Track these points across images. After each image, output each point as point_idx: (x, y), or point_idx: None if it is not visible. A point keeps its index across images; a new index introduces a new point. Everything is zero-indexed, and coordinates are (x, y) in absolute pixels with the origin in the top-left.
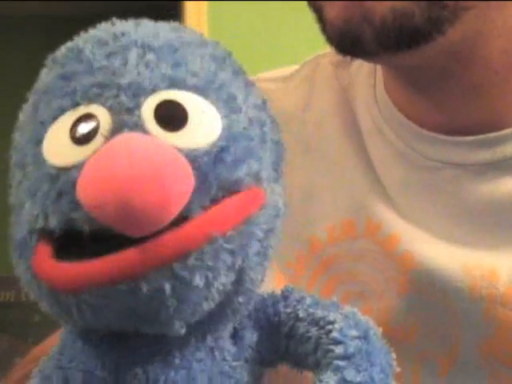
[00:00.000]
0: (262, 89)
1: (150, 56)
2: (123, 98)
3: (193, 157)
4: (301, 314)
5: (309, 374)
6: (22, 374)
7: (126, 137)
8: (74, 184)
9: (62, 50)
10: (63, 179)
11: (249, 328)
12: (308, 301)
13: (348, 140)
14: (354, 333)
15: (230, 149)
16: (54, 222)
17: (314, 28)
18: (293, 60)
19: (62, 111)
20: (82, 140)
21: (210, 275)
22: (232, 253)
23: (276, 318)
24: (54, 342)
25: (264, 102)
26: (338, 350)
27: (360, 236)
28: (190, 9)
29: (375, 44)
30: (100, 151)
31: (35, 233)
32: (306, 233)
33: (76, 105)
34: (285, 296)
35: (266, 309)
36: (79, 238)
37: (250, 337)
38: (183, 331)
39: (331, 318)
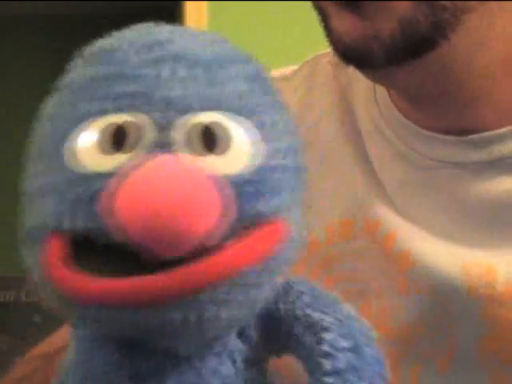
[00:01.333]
0: None
1: (192, 71)
2: (159, 113)
3: (224, 185)
4: (298, 313)
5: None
6: (22, 374)
7: (162, 161)
8: (95, 193)
9: (98, 45)
10: (88, 185)
11: (253, 325)
12: (306, 298)
13: (347, 139)
14: (344, 344)
15: (264, 180)
16: (73, 226)
17: (314, 28)
18: (293, 60)
19: (91, 115)
20: (109, 149)
21: (224, 308)
22: (248, 286)
23: (277, 313)
24: (53, 342)
25: (296, 126)
26: (327, 365)
27: (359, 235)
28: (190, 9)
29: (383, 59)
30: (139, 173)
31: (49, 228)
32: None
33: (106, 111)
34: (285, 290)
35: (268, 305)
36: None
37: (255, 334)
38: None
39: (325, 323)
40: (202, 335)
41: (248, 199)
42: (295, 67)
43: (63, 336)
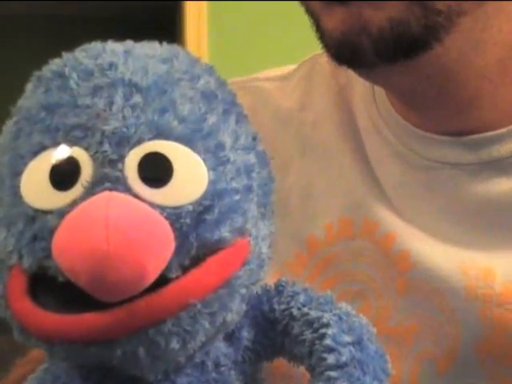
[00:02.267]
0: (260, 88)
1: (137, 98)
2: (107, 147)
3: (175, 217)
4: (295, 313)
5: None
6: (22, 374)
7: (107, 199)
8: (50, 231)
9: (49, 70)
10: (39, 223)
11: (246, 327)
12: (301, 298)
13: (345, 139)
14: (347, 339)
15: (214, 207)
16: (27, 263)
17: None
18: (293, 60)
19: (43, 148)
20: (61, 185)
21: (188, 337)
22: (211, 315)
23: (271, 314)
24: None
25: (255, 138)
26: (331, 359)
27: (357, 235)
28: (190, 9)
29: (373, 55)
30: (78, 213)
31: (9, 266)
32: (304, 232)
33: (57, 144)
34: (279, 291)
35: (261, 306)
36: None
37: (247, 335)
38: (160, 376)
39: (325, 320)
40: (167, 363)
41: (202, 227)
42: (293, 67)
43: None
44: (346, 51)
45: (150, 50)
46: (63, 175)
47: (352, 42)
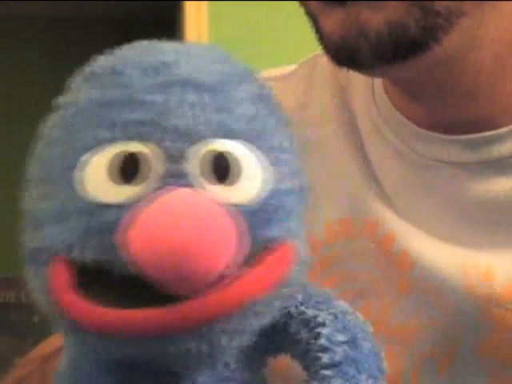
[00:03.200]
0: None
1: (200, 96)
2: (171, 143)
3: (237, 213)
4: (292, 311)
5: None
6: (22, 375)
7: (177, 195)
8: (112, 224)
9: (100, 66)
10: (99, 217)
11: None
12: (300, 296)
13: (346, 139)
14: (341, 338)
15: (274, 206)
16: (82, 256)
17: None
18: (293, 60)
19: (100, 142)
20: (122, 178)
21: (235, 336)
22: (259, 314)
23: None
24: (51, 344)
25: (296, 142)
26: (325, 358)
27: (358, 235)
28: (190, 9)
29: (372, 57)
30: (154, 207)
31: (56, 254)
32: (305, 232)
33: (115, 139)
34: None
35: None
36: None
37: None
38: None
39: (320, 319)
40: (212, 362)
41: (260, 226)
42: (294, 67)
43: (61, 337)
44: (344, 54)
45: (205, 50)
46: (124, 169)
47: (350, 45)
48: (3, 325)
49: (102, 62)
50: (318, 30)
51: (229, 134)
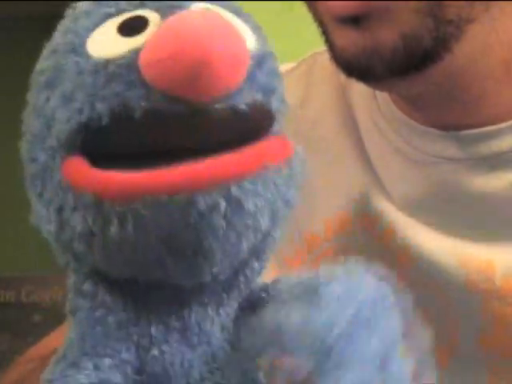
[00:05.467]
0: None
1: None
2: (170, 1)
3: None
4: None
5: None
6: (19, 374)
7: (199, 11)
8: (127, 66)
9: None
10: (113, 66)
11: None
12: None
13: (345, 135)
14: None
15: (267, 61)
16: (102, 108)
17: (314, 28)
18: (293, 59)
19: (106, 17)
20: (131, 32)
21: (259, 203)
22: (280, 186)
23: (261, 302)
24: (50, 343)
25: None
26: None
27: (358, 230)
28: None
29: (384, 72)
30: (166, 23)
31: (66, 143)
32: (304, 228)
33: (121, 11)
34: (274, 283)
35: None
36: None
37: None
38: (209, 278)
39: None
40: (222, 246)
41: (256, 71)
42: (292, 64)
43: (59, 337)
44: (355, 70)
45: None
46: (133, 25)
47: (363, 63)
48: (3, 324)
49: None
50: (329, 40)
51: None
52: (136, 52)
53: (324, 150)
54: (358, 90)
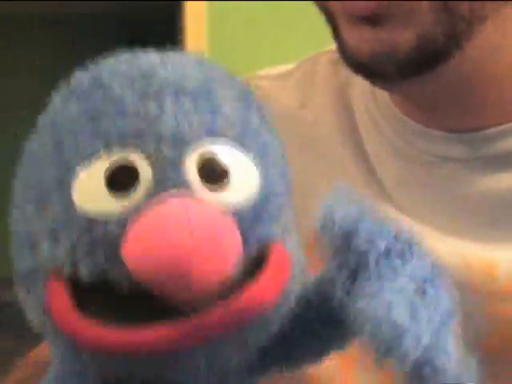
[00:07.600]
0: (259, 86)
1: (186, 101)
2: (164, 148)
3: (236, 216)
4: None
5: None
6: (20, 378)
7: (182, 203)
8: (112, 238)
9: (83, 80)
10: (99, 231)
11: None
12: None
13: (345, 137)
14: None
15: (267, 205)
16: (84, 273)
17: (314, 28)
18: (292, 60)
19: (94, 155)
20: (119, 190)
21: (242, 346)
22: (267, 322)
23: None
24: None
25: (281, 145)
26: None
27: None
28: (190, 9)
29: (395, 73)
30: (152, 215)
31: (53, 274)
32: (304, 229)
33: (108, 151)
34: None
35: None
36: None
37: None
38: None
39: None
40: (209, 378)
41: (253, 229)
42: (292, 65)
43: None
44: (365, 70)
45: (181, 56)
46: (121, 180)
47: (375, 64)
48: (4, 325)
49: (80, 76)
50: (339, 37)
51: (217, 136)
52: (120, 220)
53: (324, 151)
54: (358, 90)
